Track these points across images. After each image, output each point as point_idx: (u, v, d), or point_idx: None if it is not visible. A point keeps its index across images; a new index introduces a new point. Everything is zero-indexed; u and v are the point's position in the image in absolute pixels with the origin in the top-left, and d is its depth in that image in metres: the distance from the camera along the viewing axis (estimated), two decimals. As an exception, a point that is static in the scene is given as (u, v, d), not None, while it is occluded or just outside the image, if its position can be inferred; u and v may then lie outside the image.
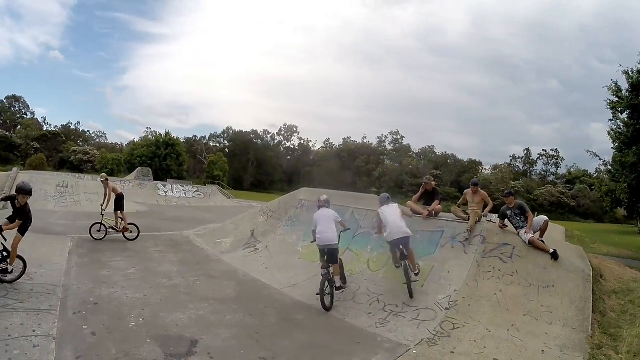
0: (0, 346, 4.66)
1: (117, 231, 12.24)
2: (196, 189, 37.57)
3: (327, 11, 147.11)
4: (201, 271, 9.76)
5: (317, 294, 7.14)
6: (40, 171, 39.84)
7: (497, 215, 8.71)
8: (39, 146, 72.00)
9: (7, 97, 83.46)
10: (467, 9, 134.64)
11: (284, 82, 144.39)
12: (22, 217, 7.10)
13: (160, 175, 58.52)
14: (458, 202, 9.16)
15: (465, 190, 9.18)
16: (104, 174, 13.93)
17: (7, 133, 74.56)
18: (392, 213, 7.80)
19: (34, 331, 5.31)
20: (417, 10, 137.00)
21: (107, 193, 12.35)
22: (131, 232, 12.51)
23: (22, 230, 7.18)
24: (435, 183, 9.97)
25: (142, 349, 5.16)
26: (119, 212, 12.47)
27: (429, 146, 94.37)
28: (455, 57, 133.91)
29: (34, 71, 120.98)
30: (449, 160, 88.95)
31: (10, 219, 7.17)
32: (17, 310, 5.79)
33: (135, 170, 46.17)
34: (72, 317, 6.07)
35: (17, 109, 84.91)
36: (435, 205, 9.08)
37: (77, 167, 64.17)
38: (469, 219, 8.48)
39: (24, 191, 7.08)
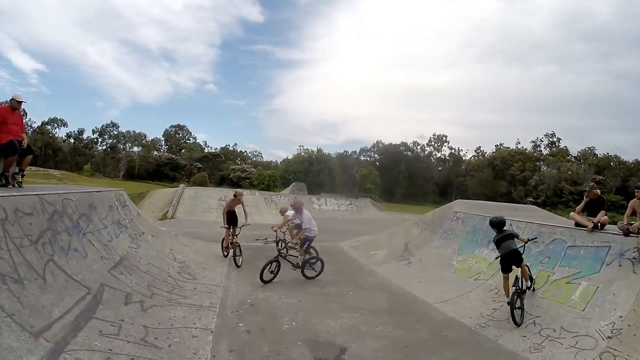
0: (163, 333, 5.50)
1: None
2: (349, 201, 38.75)
3: (459, 13, 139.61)
4: (354, 282, 10.06)
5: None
6: (203, 187, 45.61)
7: None
8: (201, 166, 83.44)
9: (172, 126, 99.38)
10: None
11: (427, 92, 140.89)
12: None
13: (314, 189, 61.99)
14: (625, 214, 7.59)
15: (632, 201, 7.64)
16: (239, 190, 13.68)
17: (174, 156, 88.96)
18: None
19: (194, 324, 6.16)
20: None
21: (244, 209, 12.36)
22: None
23: None
24: (600, 191, 8.59)
25: (292, 350, 5.58)
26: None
27: (589, 147, 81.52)
28: (605, 41, 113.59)
29: (192, 103, 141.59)
30: (612, 163, 75.36)
31: None
32: (181, 304, 6.75)
33: (291, 185, 49.89)
34: (229, 315, 6.87)
35: (180, 135, 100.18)
36: (601, 216, 7.77)
37: (236, 183, 71.30)
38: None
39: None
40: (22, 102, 7.73)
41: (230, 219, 11.65)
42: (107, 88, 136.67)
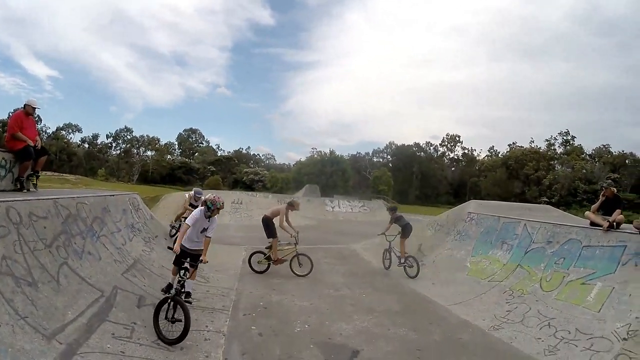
0: (174, 336, 5.49)
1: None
2: (362, 203, 38.67)
3: (476, 7, 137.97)
4: (367, 284, 10.01)
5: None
6: (216, 190, 45.96)
7: None
8: (214, 169, 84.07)
9: (185, 130, 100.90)
10: None
11: (441, 89, 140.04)
12: None
13: (327, 191, 61.92)
14: None
15: None
16: (297, 200, 12.61)
17: (187, 159, 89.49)
18: None
19: (206, 326, 6.21)
20: None
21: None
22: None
23: None
24: (615, 189, 8.43)
25: (304, 353, 5.57)
26: None
27: (604, 145, 79.63)
28: (623, 32, 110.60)
29: (205, 106, 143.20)
30: (627, 161, 73.39)
31: None
32: (194, 307, 6.75)
33: (304, 187, 49.79)
34: (242, 318, 6.88)
35: (194, 139, 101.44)
36: (617, 215, 7.61)
37: (249, 186, 71.54)
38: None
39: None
40: (36, 108, 7.86)
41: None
42: (121, 93, 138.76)
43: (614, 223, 7.42)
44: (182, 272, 5.99)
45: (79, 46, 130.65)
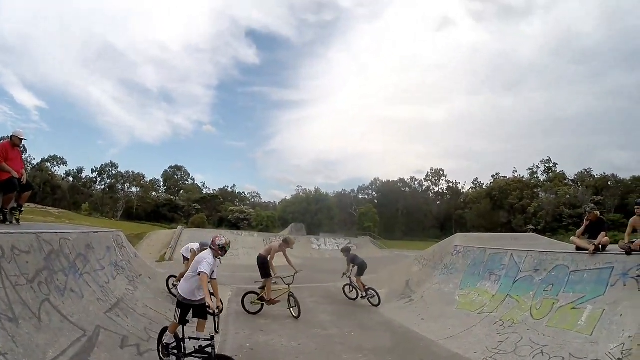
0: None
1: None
2: (348, 240, 38.67)
3: (450, 43, 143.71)
4: (356, 322, 9.85)
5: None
6: (201, 228, 45.58)
7: None
8: (199, 207, 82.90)
9: (171, 167, 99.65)
10: (594, 2, 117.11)
11: (423, 124, 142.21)
12: None
13: (313, 229, 61.73)
14: (626, 233, 7.62)
15: (632, 218, 7.70)
16: (292, 238, 12.62)
17: (172, 197, 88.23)
18: None
19: None
20: (543, 22, 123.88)
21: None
22: None
23: None
24: (599, 212, 8.65)
25: None
26: None
27: (586, 169, 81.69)
28: (595, 59, 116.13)
29: (191, 144, 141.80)
30: (609, 182, 75.39)
31: None
32: None
33: (289, 226, 49.68)
34: None
35: (179, 176, 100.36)
36: (601, 237, 7.79)
37: (234, 225, 70.53)
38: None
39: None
40: (23, 139, 7.80)
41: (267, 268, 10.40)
42: (107, 127, 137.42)
43: (600, 246, 7.58)
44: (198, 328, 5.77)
45: (67, 78, 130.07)
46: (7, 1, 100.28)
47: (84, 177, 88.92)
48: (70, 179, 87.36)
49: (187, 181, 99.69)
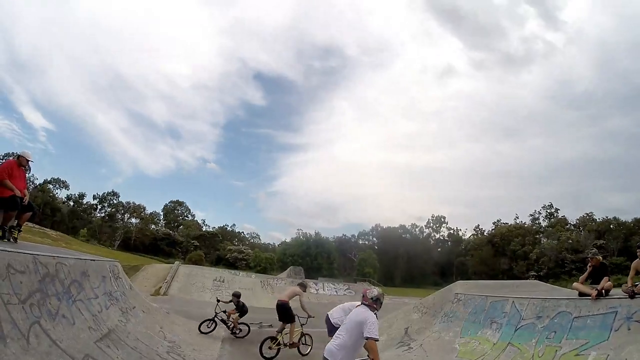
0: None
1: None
2: (347, 286, 38.11)
3: (451, 90, 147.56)
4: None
5: None
6: (199, 266, 44.79)
7: None
8: (198, 244, 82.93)
9: (172, 201, 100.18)
10: (590, 49, 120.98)
11: (424, 170, 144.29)
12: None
13: (311, 273, 60.81)
14: (629, 276, 7.49)
15: (634, 262, 7.58)
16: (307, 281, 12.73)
17: (171, 232, 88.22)
18: None
19: None
20: (542, 70, 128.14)
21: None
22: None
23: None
24: (602, 256, 8.57)
25: None
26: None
27: (587, 214, 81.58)
28: (593, 104, 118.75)
29: (193, 180, 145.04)
30: (611, 226, 74.80)
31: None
32: None
33: (288, 269, 48.90)
34: None
35: (179, 212, 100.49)
36: (604, 282, 7.67)
37: (232, 264, 70.29)
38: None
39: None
40: (30, 160, 7.89)
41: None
42: (112, 156, 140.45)
43: (603, 291, 7.47)
44: None
45: (77, 103, 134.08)
46: (25, 22, 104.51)
47: (84, 202, 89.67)
48: (71, 203, 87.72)
49: (187, 217, 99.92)
